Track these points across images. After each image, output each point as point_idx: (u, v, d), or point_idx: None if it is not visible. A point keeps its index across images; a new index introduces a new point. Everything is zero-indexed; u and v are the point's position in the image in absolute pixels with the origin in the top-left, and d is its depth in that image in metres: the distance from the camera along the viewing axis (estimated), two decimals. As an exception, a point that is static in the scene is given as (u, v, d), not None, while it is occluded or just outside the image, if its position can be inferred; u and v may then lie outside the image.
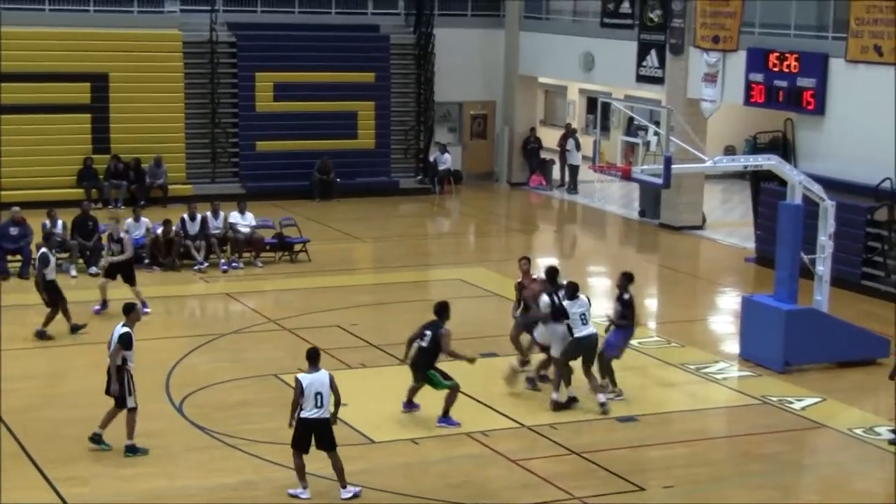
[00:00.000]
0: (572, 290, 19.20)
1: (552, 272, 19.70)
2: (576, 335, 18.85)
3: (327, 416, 15.67)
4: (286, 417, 18.28)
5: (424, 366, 18.30)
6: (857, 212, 26.98)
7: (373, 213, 35.44)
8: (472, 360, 18.66)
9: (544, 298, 19.15)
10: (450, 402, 18.04)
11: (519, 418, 18.63)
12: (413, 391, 18.66)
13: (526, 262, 20.90)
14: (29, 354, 21.50)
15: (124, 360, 16.98)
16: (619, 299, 19.71)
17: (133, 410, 16.90)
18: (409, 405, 18.74)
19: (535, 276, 20.81)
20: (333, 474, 15.66)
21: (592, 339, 19.02)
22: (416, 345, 18.49)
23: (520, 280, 20.71)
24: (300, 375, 15.75)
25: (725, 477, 16.85)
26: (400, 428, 17.99)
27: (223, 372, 20.56)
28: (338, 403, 15.82)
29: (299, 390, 15.61)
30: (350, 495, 15.57)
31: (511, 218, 37.91)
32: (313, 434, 15.61)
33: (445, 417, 18.07)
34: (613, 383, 19.57)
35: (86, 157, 34.91)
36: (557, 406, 18.89)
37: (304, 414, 15.58)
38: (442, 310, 18.52)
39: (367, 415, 18.48)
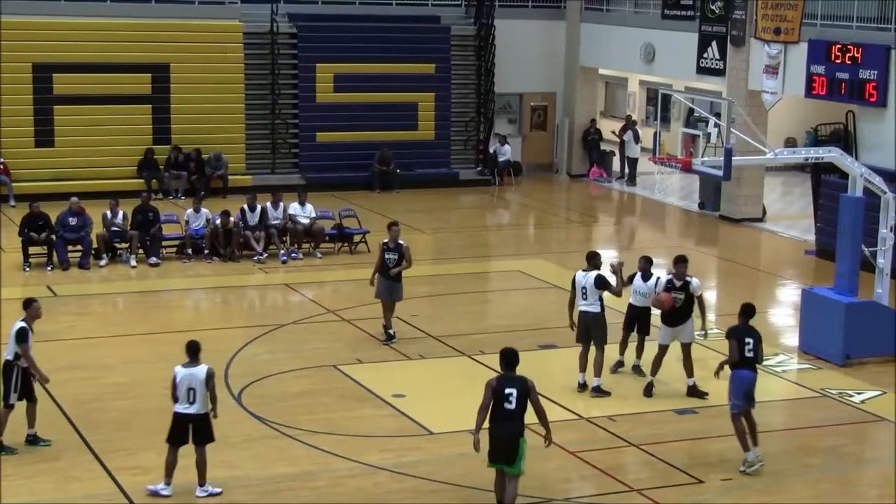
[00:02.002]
0: (588, 260, 19.43)
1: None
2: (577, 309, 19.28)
3: (204, 411, 15.32)
4: (346, 408, 18.55)
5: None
6: (920, 204, 26.71)
7: (432, 205, 35.48)
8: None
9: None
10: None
11: (578, 410, 18.63)
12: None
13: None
14: (89, 344, 21.69)
15: (17, 356, 16.58)
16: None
17: (9, 408, 16.56)
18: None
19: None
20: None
21: (586, 316, 19.18)
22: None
23: None
24: (176, 368, 15.40)
25: (784, 470, 16.76)
26: (458, 419, 18.00)
27: (282, 362, 20.68)
28: (214, 400, 15.37)
29: (173, 383, 15.30)
30: (205, 495, 15.34)
31: (571, 209, 37.83)
32: (190, 428, 15.29)
33: None
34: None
35: (147, 148, 35.18)
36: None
37: (177, 408, 15.30)
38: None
39: (425, 406, 18.56)
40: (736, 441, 16.62)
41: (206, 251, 27.92)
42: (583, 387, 19.34)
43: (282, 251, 28.19)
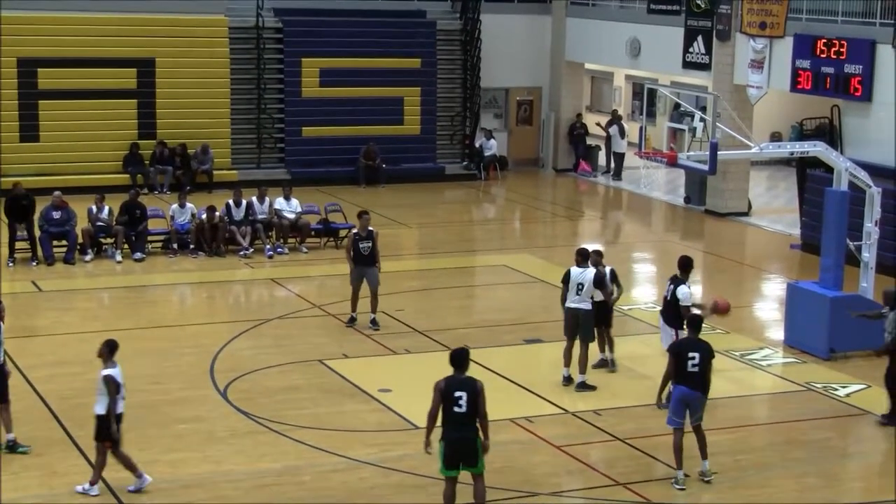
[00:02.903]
0: (582, 257, 19.41)
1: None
2: (566, 305, 19.18)
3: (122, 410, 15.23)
4: (332, 403, 18.55)
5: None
6: (904, 198, 26.81)
7: (418, 199, 35.49)
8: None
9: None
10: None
11: (563, 404, 18.65)
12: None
13: None
14: (74, 340, 21.64)
15: None
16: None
17: None
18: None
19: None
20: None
21: (577, 312, 19.18)
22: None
23: None
24: (112, 371, 15.23)
25: (769, 464, 16.80)
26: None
27: (268, 357, 20.66)
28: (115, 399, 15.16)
29: (113, 386, 15.14)
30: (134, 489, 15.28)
31: (556, 204, 37.84)
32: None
33: None
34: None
35: (132, 143, 35.14)
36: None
37: (98, 410, 15.17)
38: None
39: (411, 401, 18.53)
40: (721, 434, 16.67)
41: (192, 246, 27.88)
42: (568, 380, 19.36)
43: (267, 246, 28.17)
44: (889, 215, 23.88)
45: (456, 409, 14.00)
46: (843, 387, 19.61)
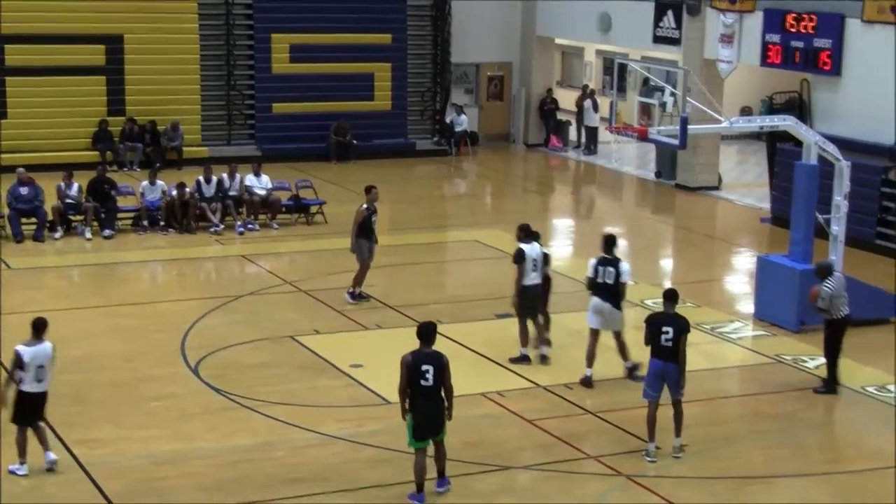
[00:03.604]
0: (526, 233, 19.37)
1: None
2: (526, 283, 19.16)
3: (45, 389, 15.09)
4: (304, 379, 18.58)
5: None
6: (872, 172, 27.01)
7: (389, 175, 35.40)
8: None
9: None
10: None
11: (534, 378, 18.70)
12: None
13: None
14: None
15: None
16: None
17: None
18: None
19: None
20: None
21: (535, 290, 19.20)
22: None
23: None
24: (20, 348, 14.98)
25: (739, 436, 16.92)
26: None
27: (239, 334, 20.64)
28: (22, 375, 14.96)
29: (19, 363, 14.89)
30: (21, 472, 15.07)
31: (528, 179, 37.91)
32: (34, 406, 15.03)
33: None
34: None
35: (101, 120, 34.97)
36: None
37: (25, 388, 14.94)
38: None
39: (383, 376, 18.48)
40: (692, 407, 16.73)
41: (162, 223, 27.81)
42: (525, 358, 19.36)
43: (238, 222, 28.11)
44: (858, 189, 23.97)
45: (423, 382, 14.22)
46: (812, 359, 19.69)
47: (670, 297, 16.24)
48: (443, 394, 14.39)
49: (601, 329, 18.49)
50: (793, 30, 30.03)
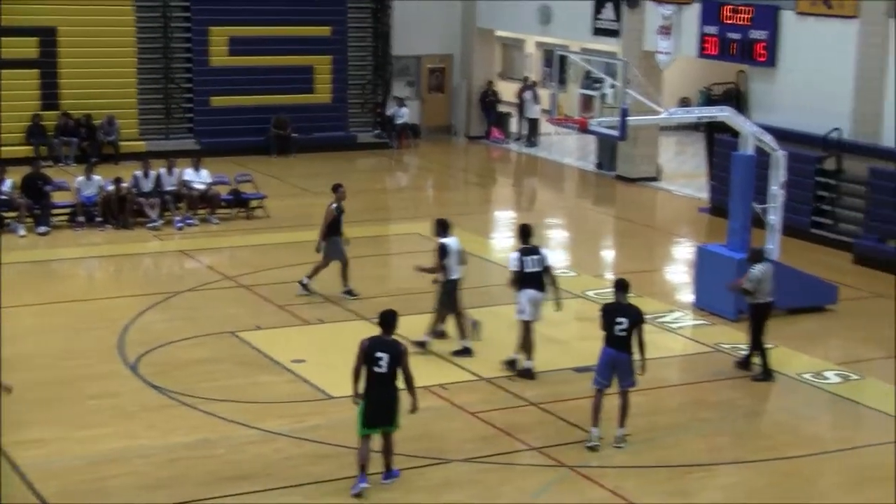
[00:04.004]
0: (444, 227, 19.49)
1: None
2: (453, 276, 19.31)
3: None
4: (245, 375, 18.48)
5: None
6: (808, 161, 27.28)
7: (330, 168, 35.29)
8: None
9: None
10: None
11: (477, 370, 18.70)
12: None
13: None
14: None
15: None
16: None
17: None
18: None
19: None
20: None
21: (458, 283, 19.35)
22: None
23: None
24: None
25: (680, 424, 17.01)
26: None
27: (179, 330, 20.50)
28: None
29: None
30: None
31: (469, 171, 37.92)
32: None
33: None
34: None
35: (34, 114, 34.58)
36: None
37: None
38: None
39: (325, 371, 18.53)
40: (634, 396, 16.76)
41: (99, 219, 27.56)
42: (467, 351, 19.35)
43: (177, 218, 27.92)
44: (794, 178, 24.16)
45: (376, 369, 14.33)
46: (757, 361, 19.83)
47: (621, 287, 16.28)
48: (401, 383, 14.46)
49: (533, 320, 18.50)
50: (729, 22, 30.25)
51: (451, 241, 19.35)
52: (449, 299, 19.36)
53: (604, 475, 15.21)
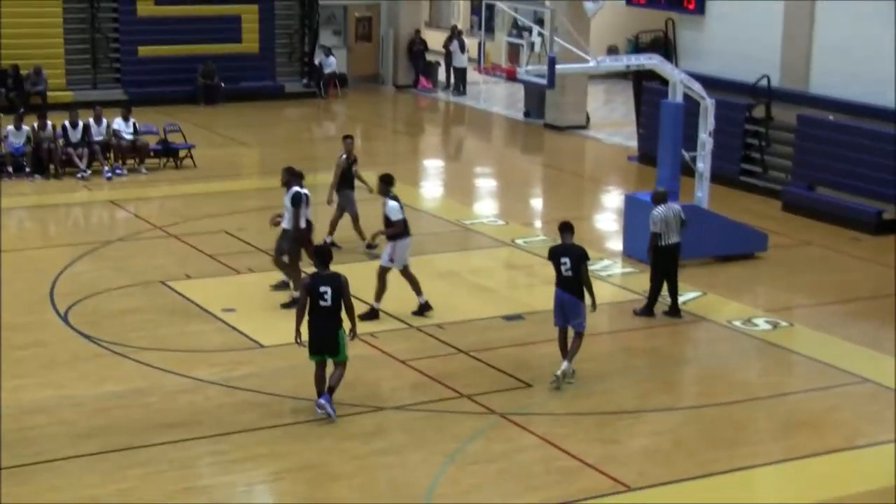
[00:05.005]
0: (294, 175, 19.51)
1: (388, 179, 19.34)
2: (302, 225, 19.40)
3: None
4: (175, 324, 18.44)
5: None
6: (737, 109, 27.46)
7: (258, 118, 35.18)
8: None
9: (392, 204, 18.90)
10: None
11: (407, 319, 18.77)
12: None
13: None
14: None
15: None
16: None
17: None
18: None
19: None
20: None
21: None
22: None
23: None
24: None
25: (609, 372, 17.16)
26: (288, 332, 17.97)
27: (109, 280, 20.40)
28: None
29: None
30: None
31: (397, 121, 37.88)
32: None
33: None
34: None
35: (-40, 65, 34.20)
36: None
37: None
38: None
39: (255, 320, 18.54)
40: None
41: (28, 169, 27.30)
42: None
43: (106, 168, 27.72)
44: (722, 126, 24.37)
45: (322, 302, 14.93)
46: (680, 295, 19.98)
47: (566, 228, 16.69)
48: (343, 314, 15.04)
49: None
50: (658, -31, 30.37)
51: (301, 189, 19.31)
52: (299, 247, 19.26)
53: (534, 422, 15.33)
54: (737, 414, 15.84)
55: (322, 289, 14.91)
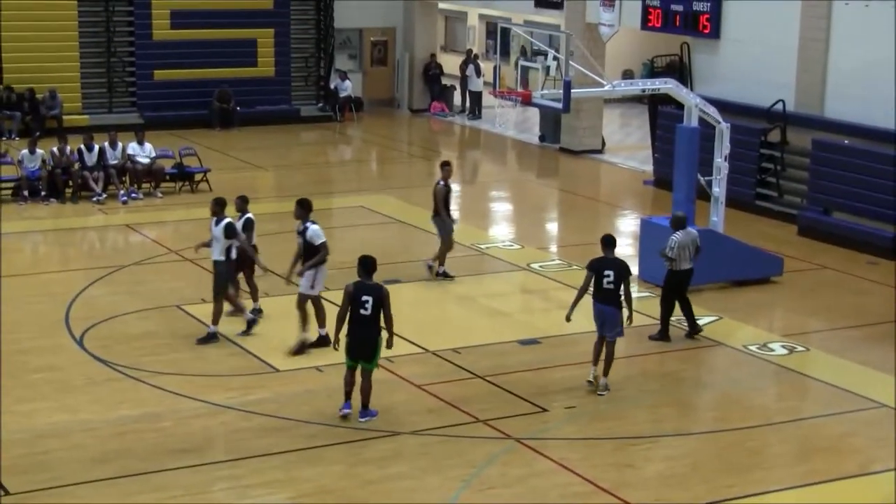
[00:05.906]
0: (220, 206, 19.33)
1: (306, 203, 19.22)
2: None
3: None
4: (190, 348, 18.40)
5: None
6: (752, 133, 27.42)
7: (273, 142, 35.24)
8: None
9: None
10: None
11: (422, 343, 18.74)
12: None
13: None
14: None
15: None
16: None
17: None
18: None
19: None
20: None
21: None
22: None
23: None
24: None
25: (626, 396, 17.09)
26: (303, 357, 18.00)
27: (124, 304, 20.42)
28: None
29: None
30: None
31: (412, 144, 37.90)
32: None
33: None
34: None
35: (-24, 89, 34.31)
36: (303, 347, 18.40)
37: None
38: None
39: (271, 344, 18.51)
40: (580, 369, 17.07)
41: (44, 193, 27.39)
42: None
43: (121, 191, 27.77)
44: (738, 150, 24.34)
45: (362, 311, 15.47)
46: (697, 319, 19.96)
47: (609, 243, 17.25)
48: (382, 323, 15.57)
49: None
50: (673, -7, 30.37)
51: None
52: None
53: (549, 447, 15.29)
54: (752, 439, 15.77)
55: (364, 298, 15.42)
